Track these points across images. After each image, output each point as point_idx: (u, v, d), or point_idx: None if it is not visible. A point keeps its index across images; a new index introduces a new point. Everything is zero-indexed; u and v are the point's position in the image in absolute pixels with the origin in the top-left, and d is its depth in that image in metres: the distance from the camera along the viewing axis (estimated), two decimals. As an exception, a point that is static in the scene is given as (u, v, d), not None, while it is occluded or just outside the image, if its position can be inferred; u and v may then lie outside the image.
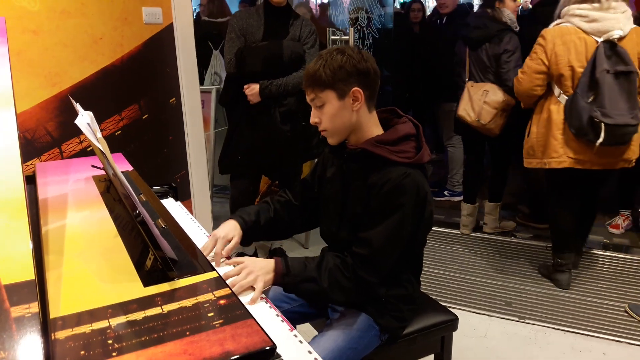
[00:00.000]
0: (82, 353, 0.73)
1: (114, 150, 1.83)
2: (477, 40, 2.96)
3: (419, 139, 1.36)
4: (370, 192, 1.31)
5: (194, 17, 4.69)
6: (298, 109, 2.62)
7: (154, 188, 1.74)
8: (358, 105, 1.31)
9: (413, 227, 1.31)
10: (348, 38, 3.17)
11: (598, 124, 2.25)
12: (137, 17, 2.39)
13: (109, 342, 0.75)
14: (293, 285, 1.29)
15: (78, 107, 1.22)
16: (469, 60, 3.05)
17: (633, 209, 3.41)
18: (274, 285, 1.30)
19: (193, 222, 1.61)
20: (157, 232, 0.97)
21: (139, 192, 1.44)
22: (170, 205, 1.73)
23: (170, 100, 2.65)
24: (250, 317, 0.83)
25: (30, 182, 1.51)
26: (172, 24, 2.56)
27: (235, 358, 0.74)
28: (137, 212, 0.98)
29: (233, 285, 1.18)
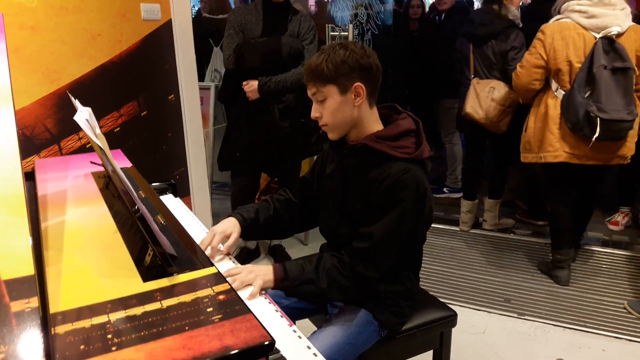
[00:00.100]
0: (81, 347, 0.73)
1: (113, 147, 1.83)
2: (482, 37, 2.95)
3: (419, 135, 1.36)
4: (371, 187, 1.31)
5: (195, 13, 4.70)
6: (297, 106, 2.62)
7: (153, 184, 1.75)
8: (360, 101, 1.31)
9: (413, 222, 1.31)
10: (347, 34, 3.17)
11: (594, 119, 2.26)
12: (135, 13, 2.39)
13: (109, 336, 0.75)
14: (292, 289, 1.30)
15: (77, 103, 1.22)
16: (474, 57, 3.03)
17: (632, 206, 3.42)
18: (274, 289, 1.30)
19: (192, 218, 1.61)
20: (156, 227, 0.97)
21: (138, 188, 1.44)
22: (170, 202, 1.73)
23: (169, 97, 2.65)
24: (249, 312, 0.83)
25: (30, 178, 1.51)
26: (170, 20, 2.55)
27: (234, 353, 0.74)
28: (135, 207, 0.98)
29: (233, 282, 1.19)
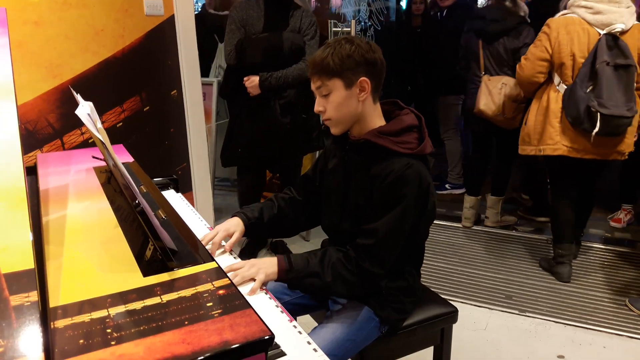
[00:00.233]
0: (81, 342, 0.73)
1: (116, 142, 1.83)
2: (494, 34, 2.94)
3: (422, 130, 1.36)
4: (373, 183, 1.31)
5: (200, 9, 4.69)
6: (298, 101, 2.62)
7: (155, 180, 1.75)
8: (364, 96, 1.30)
9: (415, 218, 1.31)
10: (350, 30, 3.16)
11: (594, 114, 2.29)
12: (138, 8, 2.38)
13: (108, 331, 0.76)
14: (297, 281, 1.30)
15: (78, 97, 1.22)
16: (483, 54, 3.02)
17: (635, 204, 3.41)
18: (278, 282, 1.30)
19: (194, 213, 1.61)
20: (156, 222, 0.97)
21: (140, 183, 1.45)
22: (171, 197, 1.73)
23: (172, 93, 2.65)
24: (249, 307, 0.83)
25: (32, 173, 1.51)
26: (173, 16, 2.55)
27: (234, 347, 0.74)
28: (136, 202, 0.98)
29: (234, 277, 1.19)
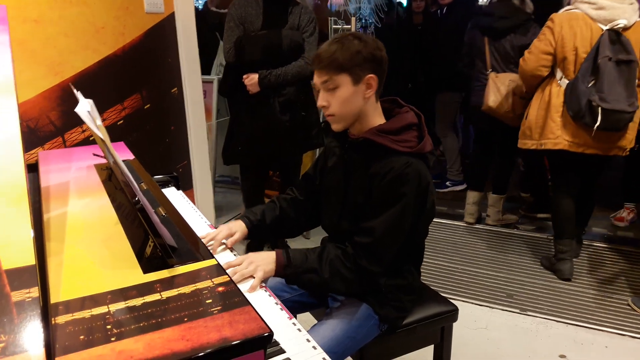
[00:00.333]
0: (81, 338, 0.73)
1: (116, 140, 1.83)
2: (501, 31, 2.94)
3: (421, 129, 1.36)
4: (372, 181, 1.31)
5: (202, 7, 4.69)
6: (297, 99, 2.62)
7: (156, 177, 1.75)
8: (370, 93, 1.31)
9: (414, 217, 1.31)
10: (350, 27, 3.16)
11: (595, 108, 2.31)
12: (138, 6, 2.39)
13: (108, 327, 0.76)
14: (295, 277, 1.30)
15: (79, 95, 1.22)
16: (489, 51, 3.02)
17: (638, 202, 3.40)
18: (276, 277, 1.30)
19: (194, 211, 1.61)
20: (156, 219, 0.97)
21: (140, 180, 1.45)
22: (172, 195, 1.73)
23: (172, 90, 2.65)
24: (248, 304, 0.83)
25: (33, 170, 1.51)
26: (173, 13, 2.55)
27: (232, 344, 0.74)
28: (136, 199, 0.98)
29: (233, 274, 1.19)
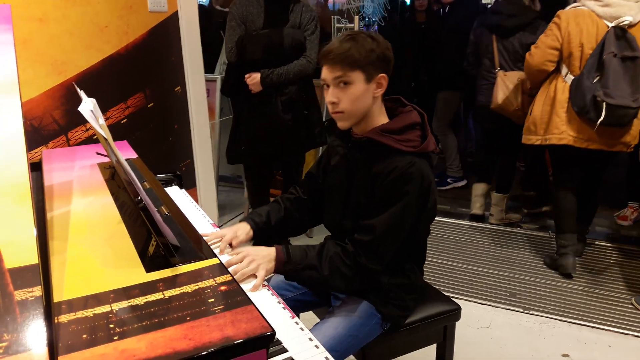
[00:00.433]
0: (84, 336, 0.73)
1: (120, 138, 1.84)
2: (510, 29, 2.95)
3: (424, 128, 1.35)
4: (375, 181, 1.31)
5: (207, 5, 4.69)
6: (299, 98, 2.62)
7: (159, 176, 1.75)
8: (379, 92, 1.31)
9: (415, 216, 1.31)
10: (353, 26, 3.16)
11: (600, 103, 2.33)
12: (142, 5, 2.39)
13: (111, 326, 0.76)
14: (294, 273, 1.30)
15: (82, 94, 1.22)
16: (497, 49, 3.02)
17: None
18: (276, 273, 1.30)
19: (197, 209, 1.62)
20: (159, 218, 0.97)
21: (143, 179, 1.45)
22: (175, 193, 1.74)
23: (176, 89, 2.65)
24: (251, 303, 0.84)
25: (37, 169, 1.52)
26: (177, 12, 2.56)
27: (235, 343, 0.74)
28: (139, 198, 0.98)
29: (235, 273, 1.19)
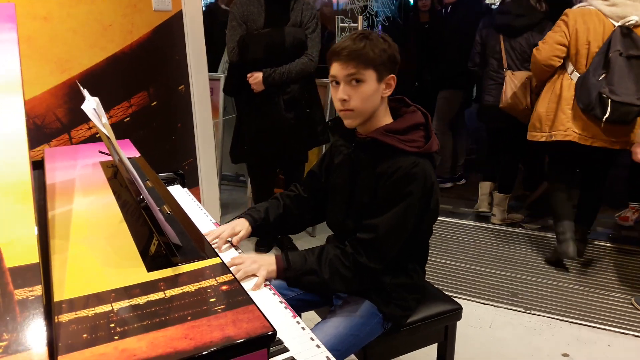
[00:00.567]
0: (84, 336, 0.74)
1: (123, 137, 1.84)
2: (518, 29, 2.96)
3: (428, 129, 1.35)
4: (378, 181, 1.31)
5: (212, 4, 4.69)
6: (302, 96, 2.61)
7: (161, 175, 1.75)
8: (387, 93, 1.32)
9: (418, 216, 1.31)
10: (357, 26, 3.15)
11: (605, 100, 2.35)
12: (146, 4, 2.39)
13: (112, 325, 0.76)
14: (295, 279, 1.31)
15: (85, 92, 1.23)
16: (505, 50, 3.03)
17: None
18: (277, 279, 1.31)
19: (200, 209, 1.62)
20: (161, 217, 0.98)
21: (146, 178, 1.45)
22: (177, 192, 1.74)
23: (179, 88, 2.66)
24: (252, 303, 0.84)
25: (39, 167, 1.52)
26: (181, 11, 2.56)
27: (236, 343, 0.74)
28: (141, 197, 0.98)
29: (237, 272, 1.20)
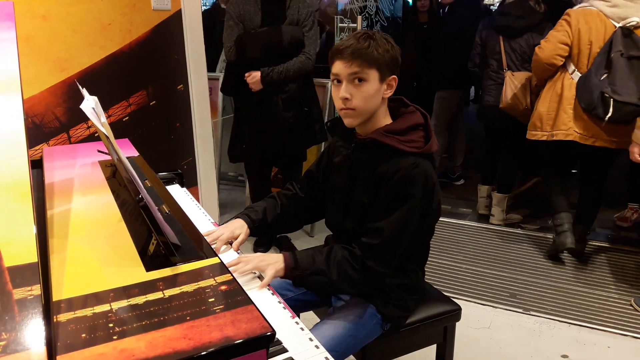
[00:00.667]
0: (83, 336, 0.73)
1: (122, 136, 1.83)
2: (519, 30, 2.97)
3: (427, 129, 1.35)
4: (379, 182, 1.30)
5: (213, 4, 4.69)
6: (299, 95, 2.61)
7: (160, 174, 1.75)
8: (389, 94, 1.32)
9: (420, 217, 1.31)
10: (356, 26, 3.15)
11: (608, 100, 2.37)
12: (145, 3, 2.39)
13: (110, 325, 0.76)
14: (302, 279, 1.30)
15: (84, 91, 1.22)
16: (505, 50, 3.04)
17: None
18: (283, 278, 1.31)
19: (198, 208, 1.61)
20: (160, 217, 0.97)
21: (144, 177, 1.45)
22: (176, 192, 1.74)
23: (178, 87, 2.65)
24: (251, 303, 0.83)
25: (38, 166, 1.52)
26: (180, 11, 2.55)
27: (235, 343, 0.74)
28: (139, 197, 0.98)
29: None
